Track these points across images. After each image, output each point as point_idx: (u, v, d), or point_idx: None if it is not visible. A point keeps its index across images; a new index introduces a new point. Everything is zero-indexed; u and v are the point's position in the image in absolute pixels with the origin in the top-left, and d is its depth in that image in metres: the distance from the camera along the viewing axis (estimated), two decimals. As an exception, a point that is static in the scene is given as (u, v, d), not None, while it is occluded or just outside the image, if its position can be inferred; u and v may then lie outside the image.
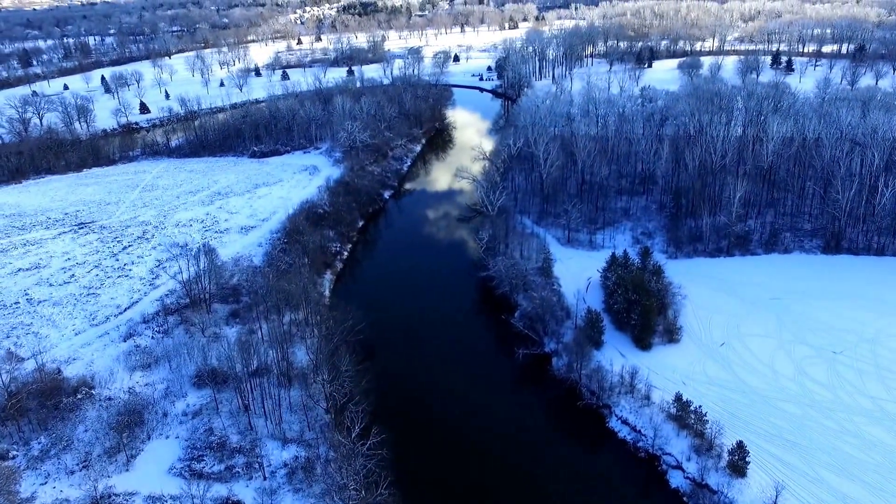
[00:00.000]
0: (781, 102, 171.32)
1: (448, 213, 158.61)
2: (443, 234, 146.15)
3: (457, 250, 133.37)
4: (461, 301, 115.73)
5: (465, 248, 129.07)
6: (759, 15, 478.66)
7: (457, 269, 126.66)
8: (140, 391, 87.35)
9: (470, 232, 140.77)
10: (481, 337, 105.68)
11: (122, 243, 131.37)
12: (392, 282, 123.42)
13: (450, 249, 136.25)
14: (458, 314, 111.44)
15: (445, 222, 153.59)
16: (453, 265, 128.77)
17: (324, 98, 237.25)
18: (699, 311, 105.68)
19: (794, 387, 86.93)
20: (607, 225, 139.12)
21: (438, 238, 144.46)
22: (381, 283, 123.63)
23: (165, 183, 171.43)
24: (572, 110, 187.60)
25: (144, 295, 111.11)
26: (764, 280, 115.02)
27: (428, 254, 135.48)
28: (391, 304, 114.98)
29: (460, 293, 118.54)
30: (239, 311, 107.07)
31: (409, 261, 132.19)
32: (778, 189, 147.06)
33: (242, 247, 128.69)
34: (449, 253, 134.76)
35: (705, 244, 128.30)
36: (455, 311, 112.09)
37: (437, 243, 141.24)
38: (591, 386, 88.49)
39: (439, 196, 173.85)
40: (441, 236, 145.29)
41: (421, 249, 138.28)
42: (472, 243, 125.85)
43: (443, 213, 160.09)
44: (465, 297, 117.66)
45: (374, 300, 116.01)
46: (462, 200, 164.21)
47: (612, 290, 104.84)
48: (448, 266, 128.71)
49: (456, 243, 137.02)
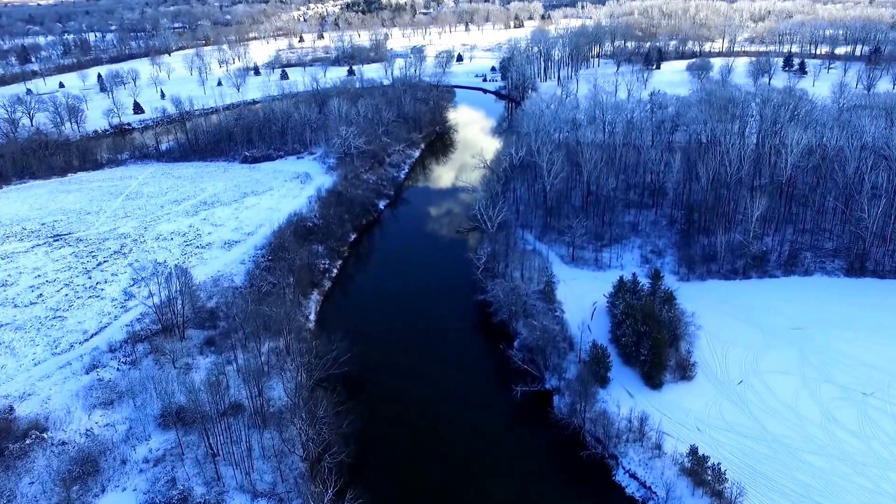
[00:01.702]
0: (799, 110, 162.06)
1: (445, 226, 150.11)
2: (439, 250, 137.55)
3: (453, 268, 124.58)
4: (456, 328, 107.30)
5: (463, 266, 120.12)
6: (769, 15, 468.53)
7: (453, 291, 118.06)
8: (99, 433, 79.36)
9: (468, 246, 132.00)
10: (477, 370, 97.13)
11: (98, 258, 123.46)
12: (383, 304, 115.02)
13: (446, 267, 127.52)
14: (452, 343, 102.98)
15: (442, 236, 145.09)
16: (449, 285, 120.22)
17: (320, 100, 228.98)
18: (714, 342, 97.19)
19: (821, 435, 78.38)
20: (614, 241, 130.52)
21: (434, 254, 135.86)
22: (371, 306, 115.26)
23: (151, 190, 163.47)
24: (578, 116, 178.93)
25: (115, 319, 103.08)
26: (783, 306, 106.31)
27: (422, 272, 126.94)
28: (381, 330, 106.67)
29: (455, 318, 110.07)
30: (215, 338, 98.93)
31: (403, 280, 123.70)
32: (795, 203, 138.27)
33: (224, 264, 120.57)
34: (445, 271, 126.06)
35: (719, 264, 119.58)
36: (449, 340, 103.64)
37: (433, 260, 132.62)
38: (597, 432, 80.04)
39: (437, 206, 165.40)
40: (437, 252, 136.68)
41: (415, 267, 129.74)
42: (470, 259, 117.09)
43: (440, 225, 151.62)
44: (460, 322, 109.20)
45: (363, 326, 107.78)
46: (461, 211, 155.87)
47: (620, 321, 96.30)
48: (443, 286, 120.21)
49: (453, 260, 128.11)
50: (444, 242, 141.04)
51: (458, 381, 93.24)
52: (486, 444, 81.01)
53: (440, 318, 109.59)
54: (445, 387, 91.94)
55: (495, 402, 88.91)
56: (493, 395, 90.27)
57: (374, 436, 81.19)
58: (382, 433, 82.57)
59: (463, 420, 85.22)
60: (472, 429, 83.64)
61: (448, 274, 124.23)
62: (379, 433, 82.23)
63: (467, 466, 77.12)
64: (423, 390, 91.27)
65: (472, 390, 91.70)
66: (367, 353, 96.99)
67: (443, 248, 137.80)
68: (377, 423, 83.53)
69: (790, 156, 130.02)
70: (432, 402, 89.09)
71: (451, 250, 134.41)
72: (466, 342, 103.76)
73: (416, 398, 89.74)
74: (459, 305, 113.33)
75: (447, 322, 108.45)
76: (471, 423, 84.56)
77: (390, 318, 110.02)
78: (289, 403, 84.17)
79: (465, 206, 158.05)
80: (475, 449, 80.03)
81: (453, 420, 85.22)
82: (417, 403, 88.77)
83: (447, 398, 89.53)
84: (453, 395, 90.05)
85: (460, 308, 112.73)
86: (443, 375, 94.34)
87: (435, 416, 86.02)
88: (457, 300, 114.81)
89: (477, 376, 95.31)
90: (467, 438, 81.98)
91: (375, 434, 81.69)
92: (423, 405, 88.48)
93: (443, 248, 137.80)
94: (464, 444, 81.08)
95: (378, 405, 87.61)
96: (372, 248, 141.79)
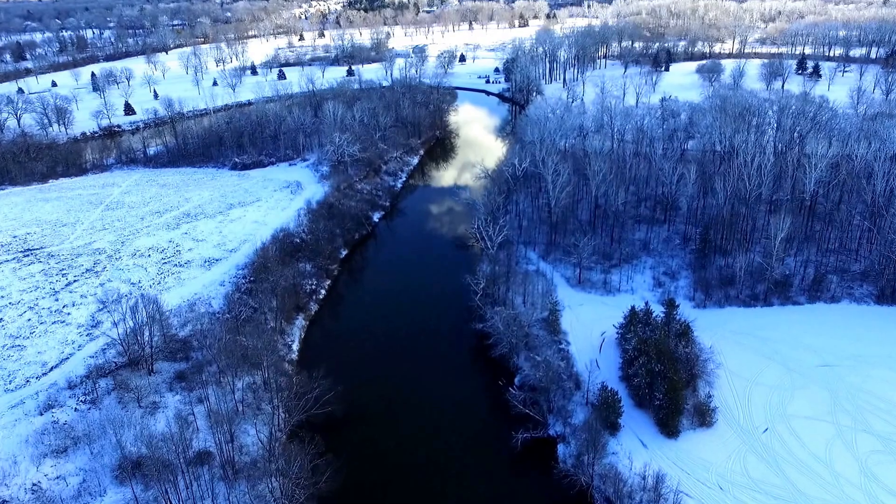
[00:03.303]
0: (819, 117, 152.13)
1: (443, 241, 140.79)
2: (435, 268, 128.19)
3: (450, 290, 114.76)
4: (452, 361, 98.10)
5: (460, 288, 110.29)
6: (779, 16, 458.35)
7: (449, 317, 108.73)
8: (47, 488, 70.61)
9: (467, 265, 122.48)
10: (474, 412, 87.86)
11: (68, 277, 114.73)
12: (373, 333, 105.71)
13: (442, 288, 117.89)
14: (446, 379, 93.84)
15: (439, 253, 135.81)
16: (445, 310, 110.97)
17: (316, 102, 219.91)
18: (736, 381, 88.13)
19: (860, 497, 69.30)
20: (624, 261, 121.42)
21: (430, 273, 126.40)
22: (359, 334, 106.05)
23: (133, 200, 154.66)
24: (585, 122, 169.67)
25: (78, 349, 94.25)
26: (810, 339, 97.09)
27: (417, 294, 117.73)
28: (369, 362, 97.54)
29: (451, 349, 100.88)
30: (186, 372, 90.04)
31: (395, 303, 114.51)
32: (817, 220, 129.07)
33: (202, 286, 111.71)
34: (441, 293, 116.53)
35: (738, 289, 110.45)
36: (443, 376, 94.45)
37: (428, 280, 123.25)
38: (606, 490, 71.07)
39: (435, 219, 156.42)
40: (433, 271, 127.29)
41: (409, 288, 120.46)
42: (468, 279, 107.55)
43: (437, 240, 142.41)
44: (456, 355, 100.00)
45: (350, 356, 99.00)
46: (460, 225, 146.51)
47: (632, 357, 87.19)
48: (439, 312, 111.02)
49: (450, 280, 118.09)
50: (442, 260, 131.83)
51: (452, 426, 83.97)
52: (482, 503, 72.18)
53: (434, 349, 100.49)
54: (437, 433, 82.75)
55: (493, 450, 79.80)
56: (490, 443, 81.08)
57: (355, 490, 72.35)
58: (364, 488, 73.69)
59: (456, 473, 76.14)
60: (467, 486, 74.57)
61: (444, 297, 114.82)
62: (360, 488, 73.34)
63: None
64: (412, 437, 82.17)
65: (467, 436, 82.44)
66: (353, 391, 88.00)
67: (440, 267, 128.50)
68: (359, 476, 74.59)
69: (814, 170, 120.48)
70: (421, 450, 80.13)
71: (448, 269, 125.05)
72: (462, 378, 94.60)
73: (403, 447, 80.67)
74: (456, 334, 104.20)
75: (442, 354, 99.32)
76: (465, 479, 75.44)
77: (380, 349, 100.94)
78: (263, 453, 75.62)
79: (464, 218, 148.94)
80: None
81: (446, 474, 76.17)
82: (404, 452, 79.76)
83: (438, 448, 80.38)
84: (446, 444, 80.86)
85: (457, 336, 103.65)
86: (435, 420, 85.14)
87: (425, 469, 77.11)
88: (453, 328, 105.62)
89: (473, 419, 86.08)
90: (461, 497, 73.02)
91: (357, 488, 72.82)
92: (411, 453, 79.57)
93: (440, 267, 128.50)
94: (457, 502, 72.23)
95: (361, 454, 78.66)
96: (364, 265, 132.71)
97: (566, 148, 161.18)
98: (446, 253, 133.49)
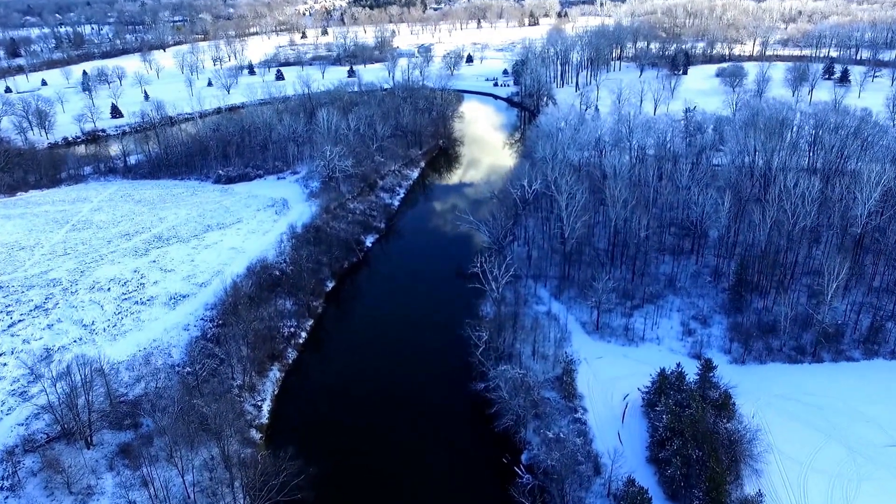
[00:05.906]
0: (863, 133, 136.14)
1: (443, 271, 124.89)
2: (433, 305, 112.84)
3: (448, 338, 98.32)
4: (448, 430, 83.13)
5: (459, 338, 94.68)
6: (800, 16, 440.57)
7: (446, 373, 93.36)
8: None
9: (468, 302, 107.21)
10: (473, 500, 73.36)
11: (13, 316, 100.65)
12: (356, 391, 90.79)
13: (439, 334, 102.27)
14: (441, 457, 78.87)
15: (438, 285, 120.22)
16: (442, 363, 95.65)
17: (311, 108, 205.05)
18: (787, 464, 73.36)
19: None
20: (647, 301, 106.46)
21: (427, 312, 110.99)
22: (342, 393, 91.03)
23: (102, 219, 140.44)
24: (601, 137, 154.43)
25: (8, 412, 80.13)
26: (873, 409, 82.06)
27: (410, 340, 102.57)
28: (349, 431, 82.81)
29: (448, 416, 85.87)
30: (132, 445, 75.73)
31: (386, 353, 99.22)
32: (865, 252, 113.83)
33: (163, 329, 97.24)
34: (438, 340, 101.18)
35: (781, 340, 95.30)
36: (438, 452, 79.50)
37: (425, 321, 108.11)
38: None
39: (435, 244, 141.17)
40: (431, 309, 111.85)
41: (402, 334, 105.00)
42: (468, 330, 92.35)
43: (436, 269, 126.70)
44: (453, 422, 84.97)
45: (329, 423, 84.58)
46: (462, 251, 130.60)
47: (663, 439, 72.43)
48: (435, 364, 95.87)
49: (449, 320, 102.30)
50: (441, 293, 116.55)
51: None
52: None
53: (428, 416, 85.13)
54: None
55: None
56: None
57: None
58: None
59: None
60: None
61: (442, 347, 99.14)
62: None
63: None
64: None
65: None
66: (328, 474, 73.50)
67: (438, 303, 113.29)
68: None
69: (868, 202, 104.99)
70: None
71: (447, 306, 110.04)
72: (460, 454, 79.45)
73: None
74: (454, 396, 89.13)
75: (437, 423, 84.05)
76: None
77: (364, 412, 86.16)
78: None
79: (467, 242, 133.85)
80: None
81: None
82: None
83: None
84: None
85: (454, 399, 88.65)
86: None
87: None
88: (452, 388, 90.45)
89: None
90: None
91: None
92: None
93: (438, 303, 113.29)
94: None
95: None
96: (353, 300, 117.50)
97: (580, 164, 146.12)
98: (446, 286, 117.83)
